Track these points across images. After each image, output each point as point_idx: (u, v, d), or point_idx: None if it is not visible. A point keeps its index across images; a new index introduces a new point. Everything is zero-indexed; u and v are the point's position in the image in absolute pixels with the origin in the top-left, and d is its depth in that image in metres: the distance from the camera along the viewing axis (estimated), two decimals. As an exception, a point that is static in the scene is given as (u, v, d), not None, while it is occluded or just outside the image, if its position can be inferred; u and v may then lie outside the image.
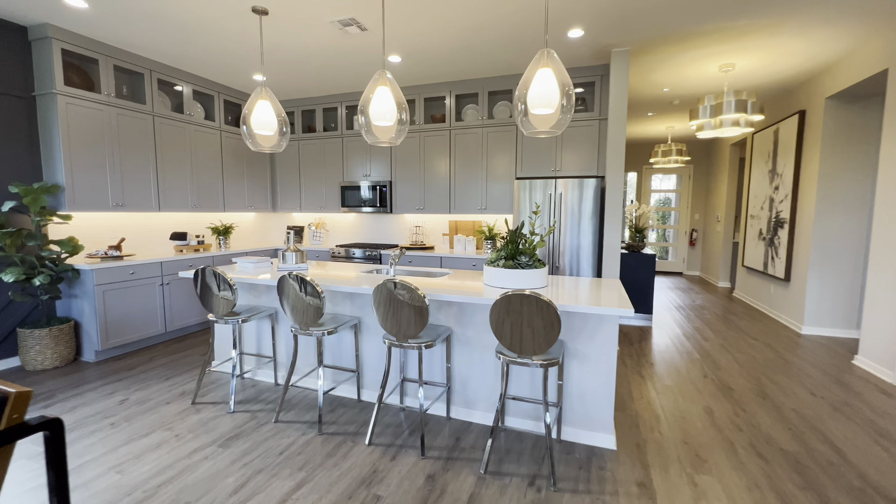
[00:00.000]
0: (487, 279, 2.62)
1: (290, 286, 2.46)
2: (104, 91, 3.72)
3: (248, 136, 3.08)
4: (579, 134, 4.28)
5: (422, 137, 4.88)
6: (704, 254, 8.57)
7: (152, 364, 3.51)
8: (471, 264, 4.48)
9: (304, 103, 5.43)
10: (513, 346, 2.02)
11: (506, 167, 4.58)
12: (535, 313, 1.92)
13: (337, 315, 2.84)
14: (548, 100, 2.38)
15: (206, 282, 2.72)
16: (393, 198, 5.10)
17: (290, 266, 3.22)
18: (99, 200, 3.72)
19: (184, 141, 4.47)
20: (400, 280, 2.19)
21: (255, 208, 5.47)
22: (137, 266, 3.78)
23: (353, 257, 4.98)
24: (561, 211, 4.07)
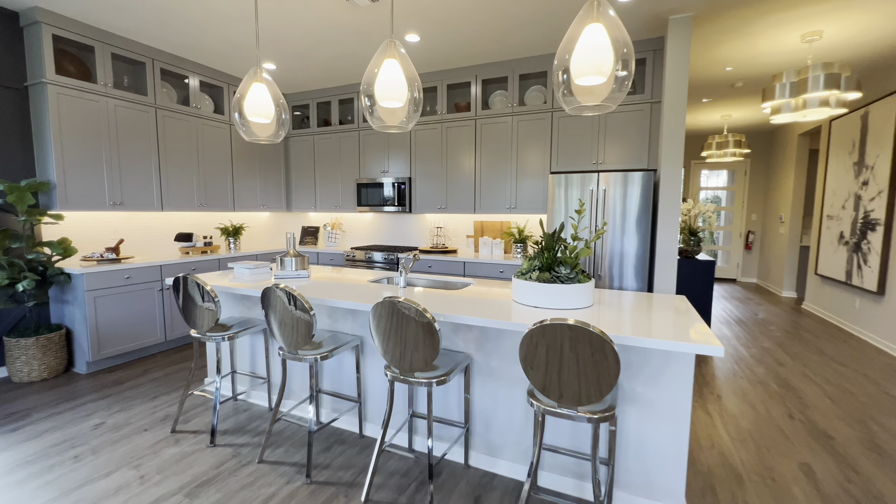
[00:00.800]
0: (518, 294, 2.09)
1: (277, 299, 2.03)
2: (101, 81, 3.45)
3: (240, 124, 2.69)
4: (626, 121, 3.67)
5: (444, 129, 4.39)
6: (763, 259, 7.64)
7: (144, 378, 3.20)
8: (498, 271, 3.95)
9: (319, 95, 5.06)
10: (549, 390, 1.49)
11: (538, 161, 4.02)
12: (583, 352, 1.39)
13: (336, 334, 2.39)
14: (597, 65, 1.84)
15: (189, 292, 2.33)
16: (412, 196, 4.64)
17: (288, 273, 2.81)
18: (94, 199, 3.46)
19: (190, 135, 4.18)
20: (404, 300, 1.70)
21: (269, 207, 5.16)
22: (134, 270, 3.49)
23: (368, 261, 4.55)
24: (603, 210, 3.47)
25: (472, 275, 4.06)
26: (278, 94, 2.76)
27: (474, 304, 2.06)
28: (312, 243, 5.35)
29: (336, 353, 2.15)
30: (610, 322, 1.72)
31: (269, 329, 2.12)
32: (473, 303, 2.08)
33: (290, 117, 5.31)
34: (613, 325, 1.67)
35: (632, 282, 3.47)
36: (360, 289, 2.43)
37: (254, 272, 2.95)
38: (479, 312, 1.88)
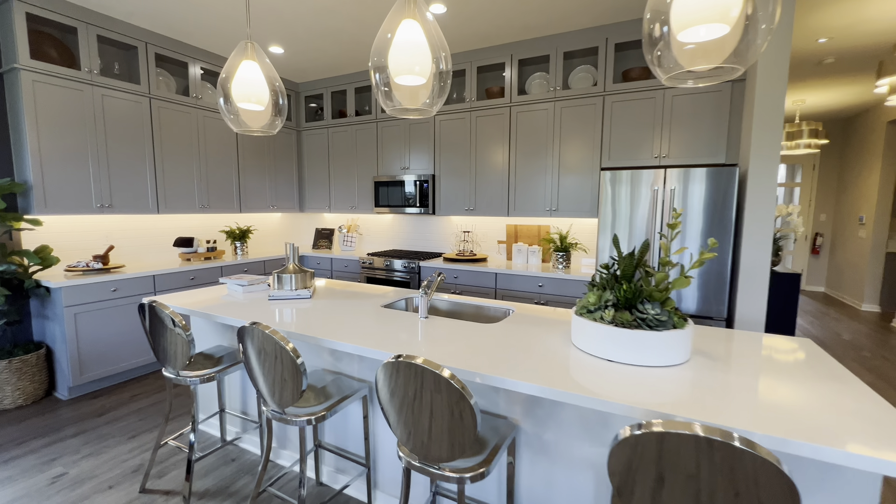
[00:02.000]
0: (581, 338, 1.51)
1: (257, 343, 1.52)
2: (85, 67, 3.04)
3: (227, 111, 2.19)
4: (697, 104, 2.99)
5: (473, 118, 3.81)
6: (833, 265, 6.71)
7: (129, 407, 2.79)
8: (536, 285, 3.35)
9: (334, 83, 4.57)
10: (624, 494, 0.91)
11: (585, 154, 3.38)
12: (739, 479, 0.80)
13: (339, 378, 1.87)
14: (713, 7, 1.23)
15: (156, 322, 1.86)
16: (436, 196, 4.09)
17: (286, 293, 2.31)
18: (79, 201, 3.06)
19: (190, 129, 3.75)
20: (424, 362, 1.15)
21: (279, 208, 4.71)
22: (122, 281, 3.08)
23: (386, 269, 4.04)
24: (665, 214, 2.82)
25: (504, 288, 3.49)
26: (274, 74, 2.25)
27: (521, 351, 1.49)
28: (327, 247, 4.88)
29: (338, 409, 1.63)
30: (741, 406, 1.12)
31: (250, 377, 1.62)
32: (519, 349, 1.51)
33: (293, 105, 4.84)
34: (750, 413, 1.07)
35: (703, 304, 2.81)
36: (371, 319, 1.90)
37: (248, 290, 2.47)
38: (533, 370, 1.31)
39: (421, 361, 1.15)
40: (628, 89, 3.17)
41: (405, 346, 1.54)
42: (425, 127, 4.06)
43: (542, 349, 1.52)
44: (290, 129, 4.79)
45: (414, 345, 1.55)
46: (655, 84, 3.07)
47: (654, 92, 3.09)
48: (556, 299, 3.29)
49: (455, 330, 1.75)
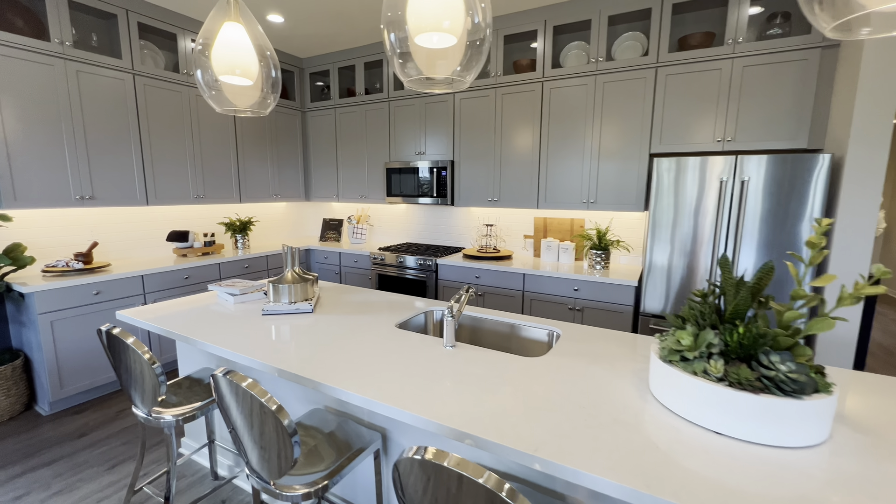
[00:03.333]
0: (667, 394, 1.11)
1: (235, 393, 1.14)
2: (55, 37, 2.64)
3: (205, 86, 1.78)
4: (775, 75, 2.48)
5: (498, 96, 3.34)
6: (891, 261, 6.13)
7: (113, 426, 2.49)
8: (571, 288, 2.93)
9: (341, 58, 4.10)
10: None
11: (631, 137, 2.90)
12: None
13: (345, 421, 1.50)
14: None
15: (119, 352, 1.50)
16: (456, 184, 3.65)
17: (284, 308, 1.93)
18: (54, 193, 2.71)
19: (181, 110, 3.36)
20: (457, 466, 0.76)
21: (283, 197, 4.33)
22: (106, 283, 2.75)
23: (399, 266, 3.65)
24: (743, 210, 2.35)
25: (533, 290, 3.07)
26: (265, 41, 1.83)
27: (586, 410, 1.09)
28: (335, 239, 4.51)
29: (344, 472, 1.26)
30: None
31: (233, 437, 1.25)
32: (583, 405, 1.11)
33: (297, 83, 4.39)
34: None
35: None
36: (384, 349, 1.51)
37: (240, 300, 2.11)
38: (615, 452, 0.91)
39: (454, 464, 0.76)
40: (687, 59, 2.66)
41: (427, 397, 1.15)
42: (443, 107, 3.60)
43: (613, 406, 1.12)
44: (293, 110, 4.37)
45: (440, 396, 1.16)
46: (722, 52, 2.56)
47: (719, 62, 2.58)
48: (594, 305, 2.87)
49: (491, 368, 1.35)
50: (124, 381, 1.55)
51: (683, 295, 2.54)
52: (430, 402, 1.15)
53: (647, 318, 2.67)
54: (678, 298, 2.57)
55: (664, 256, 2.57)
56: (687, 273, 2.52)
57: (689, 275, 2.51)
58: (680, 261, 2.53)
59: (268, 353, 1.47)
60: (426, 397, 1.17)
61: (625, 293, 2.76)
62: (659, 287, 2.61)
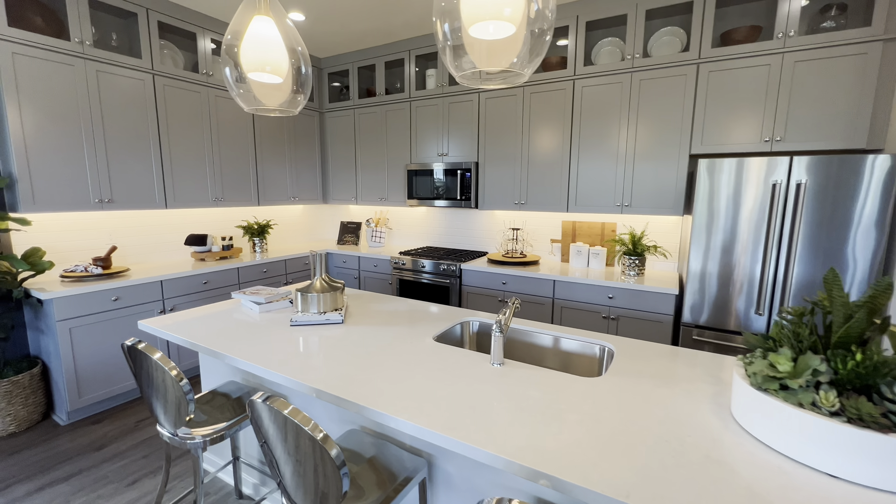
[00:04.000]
0: (760, 426, 0.97)
1: (277, 422, 1.03)
2: (75, 37, 2.58)
3: (234, 84, 1.69)
4: (829, 71, 2.32)
5: (525, 95, 3.21)
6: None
7: (133, 437, 2.40)
8: (605, 296, 2.79)
9: (361, 57, 4.01)
10: None
11: (669, 137, 2.76)
12: None
13: (384, 447, 1.38)
14: None
15: (144, 367, 1.40)
16: (480, 187, 3.53)
17: (313, 318, 1.82)
18: (73, 196, 2.64)
19: (201, 110, 3.28)
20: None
21: (301, 199, 4.25)
22: (124, 288, 2.67)
23: (419, 271, 3.54)
24: (799, 215, 2.20)
25: (564, 297, 2.94)
26: (296, 36, 1.73)
27: (668, 444, 0.96)
28: (353, 243, 4.41)
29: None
30: None
31: (268, 460, 1.14)
32: (660, 437, 0.98)
33: (315, 83, 4.31)
34: None
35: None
36: (426, 366, 1.39)
37: (265, 308, 2.00)
38: None
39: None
40: (732, 55, 2.51)
41: (486, 426, 1.03)
42: (467, 107, 3.48)
43: (699, 439, 0.99)
44: (311, 111, 4.28)
45: (499, 424, 1.04)
46: (771, 47, 2.41)
47: (768, 57, 2.43)
48: (631, 314, 2.72)
49: (548, 391, 1.23)
50: (148, 396, 1.45)
51: (728, 305, 2.39)
52: (492, 431, 1.02)
53: (689, 328, 2.52)
54: (723, 308, 2.41)
55: (708, 263, 2.42)
56: (734, 281, 2.37)
57: (737, 283, 2.36)
58: (726, 268, 2.38)
59: (302, 370, 1.36)
60: (485, 425, 1.05)
61: (664, 302, 2.62)
62: (702, 296, 2.46)
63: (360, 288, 4.02)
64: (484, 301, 3.27)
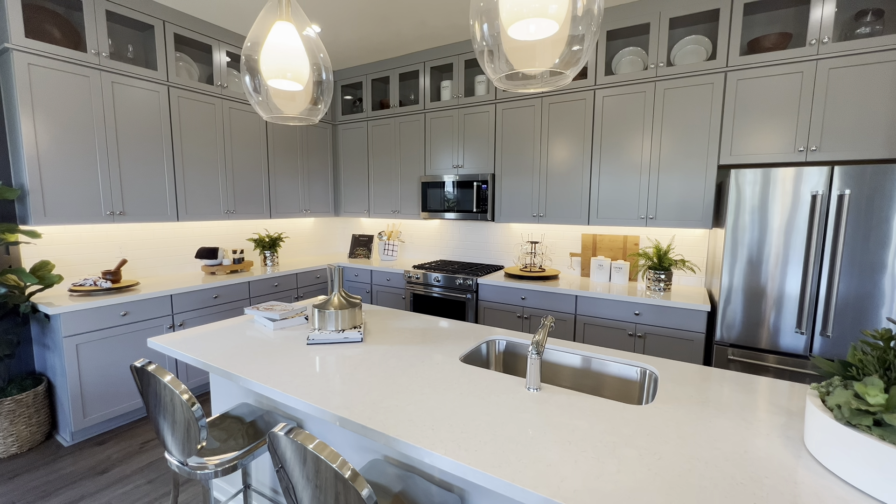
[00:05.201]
0: (849, 471, 0.86)
1: (301, 457, 0.93)
2: (92, 48, 2.56)
3: (253, 92, 1.62)
4: (862, 77, 2.23)
5: (544, 106, 3.15)
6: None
7: (138, 460, 2.29)
8: (631, 312, 2.67)
9: (375, 69, 3.99)
10: None
11: (696, 147, 2.67)
12: None
13: (411, 480, 1.26)
14: None
15: (154, 392, 1.31)
16: (496, 199, 3.45)
17: (331, 336, 1.72)
18: (85, 208, 2.59)
19: (215, 123, 3.25)
20: None
21: (313, 212, 4.19)
22: (134, 303, 2.60)
23: (432, 285, 3.43)
24: (842, 228, 2.08)
25: (587, 314, 2.82)
26: (317, 42, 1.67)
27: (741, 487, 0.84)
28: (365, 256, 4.33)
29: (417, 549, 1.02)
30: None
31: (284, 493, 1.03)
32: (732, 481, 0.86)
33: (333, 96, 4.29)
34: None
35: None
36: (456, 391, 1.28)
37: (280, 325, 1.91)
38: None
39: None
40: (762, 62, 2.43)
41: (532, 462, 0.91)
42: (483, 118, 3.42)
43: (778, 481, 0.86)
44: (324, 123, 4.26)
45: (548, 461, 0.92)
46: (804, 54, 2.32)
47: (801, 65, 2.35)
48: (659, 332, 2.60)
49: (595, 421, 1.11)
50: (156, 421, 1.35)
51: (763, 322, 2.26)
52: (540, 469, 0.91)
53: (723, 347, 2.39)
54: (759, 326, 2.28)
55: (743, 278, 2.30)
56: (771, 298, 2.24)
57: (775, 300, 2.23)
58: (762, 284, 2.25)
59: (322, 394, 1.26)
60: (531, 462, 0.93)
61: (695, 319, 2.49)
62: (737, 313, 2.33)
63: (373, 302, 3.93)
64: (502, 317, 3.16)
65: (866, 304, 2.05)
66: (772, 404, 1.22)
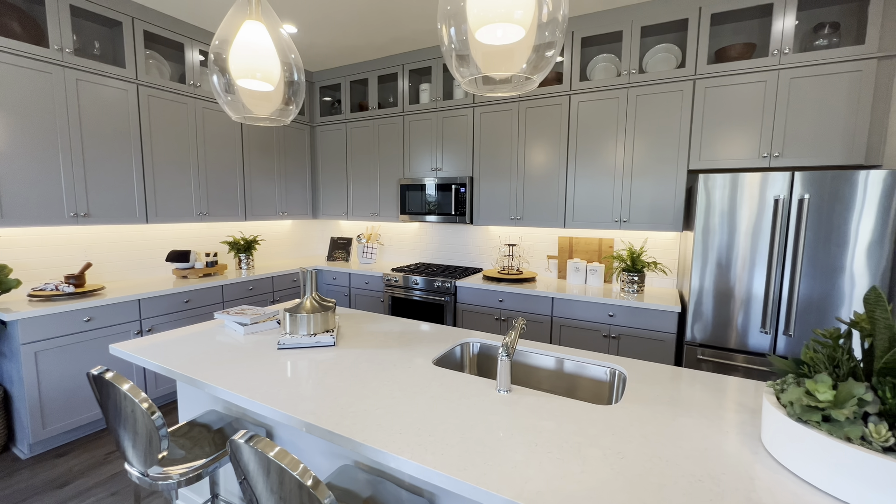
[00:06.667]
0: (800, 465, 0.89)
1: (262, 466, 0.90)
2: (55, 44, 2.46)
3: (222, 91, 1.59)
4: (825, 87, 2.33)
5: (521, 110, 3.18)
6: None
7: (101, 472, 2.20)
8: (605, 314, 2.71)
9: (354, 71, 3.96)
10: None
11: (666, 152, 2.74)
12: None
13: (381, 486, 1.24)
14: None
15: (112, 398, 1.26)
16: (475, 202, 3.46)
17: (302, 340, 1.70)
18: (47, 209, 2.49)
19: (187, 122, 3.17)
20: None
21: (290, 214, 4.12)
22: (98, 308, 2.50)
23: (412, 288, 3.42)
24: (802, 231, 2.16)
25: (563, 315, 2.85)
26: (288, 42, 1.65)
27: (699, 484, 0.86)
28: (343, 259, 4.28)
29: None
30: None
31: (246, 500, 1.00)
32: (692, 477, 0.88)
33: (306, 97, 4.24)
34: None
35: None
36: (428, 394, 1.28)
37: (250, 330, 1.87)
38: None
39: None
40: (728, 71, 2.52)
41: (499, 464, 0.91)
42: (462, 121, 3.44)
43: (736, 478, 0.89)
44: (302, 125, 4.20)
45: (515, 463, 0.93)
46: (767, 64, 2.42)
47: (764, 74, 2.44)
48: (632, 333, 2.64)
49: (563, 421, 1.12)
50: (115, 432, 1.30)
51: (732, 323, 2.33)
52: (506, 471, 0.91)
53: (693, 347, 2.45)
54: (726, 326, 2.35)
55: (711, 280, 2.36)
56: (738, 299, 2.31)
57: (741, 301, 2.30)
58: (729, 285, 2.32)
59: (290, 399, 1.23)
60: (497, 464, 0.93)
61: (666, 320, 2.55)
62: (706, 314, 2.40)
63: (351, 306, 3.88)
64: (480, 319, 3.16)
65: (826, 304, 2.14)
66: (734, 403, 1.25)
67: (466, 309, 3.21)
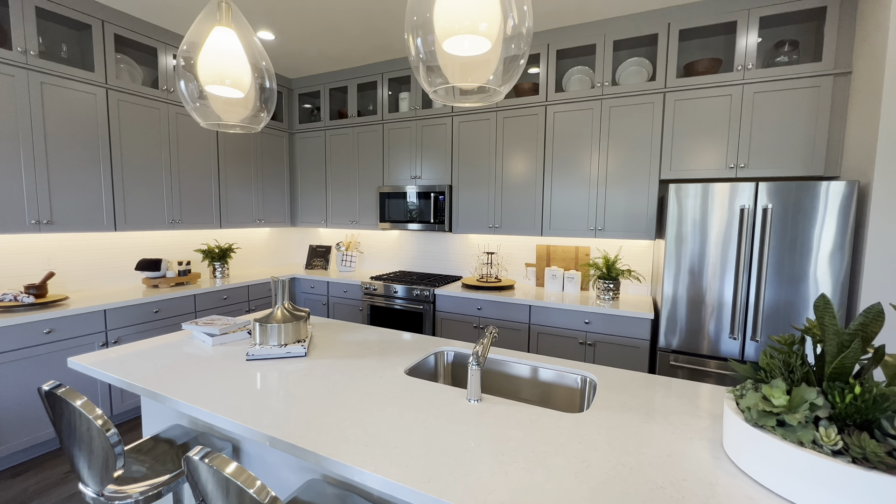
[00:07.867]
0: (757, 470, 0.91)
1: (217, 483, 0.87)
2: (18, 46, 2.39)
3: (189, 98, 1.56)
4: (786, 102, 2.43)
5: (498, 119, 3.22)
6: None
7: (59, 491, 2.10)
8: (581, 321, 2.74)
9: (333, 79, 3.95)
10: None
11: (639, 163, 2.80)
12: None
13: (349, 500, 1.22)
14: None
15: (64, 413, 1.20)
16: (454, 210, 3.48)
17: (272, 351, 1.66)
18: (7, 216, 2.39)
19: (159, 128, 3.10)
20: None
21: (268, 222, 4.06)
22: (62, 319, 2.40)
23: (392, 297, 3.40)
24: (767, 240, 2.23)
25: (540, 323, 2.87)
26: (259, 48, 1.63)
27: (657, 489, 0.87)
28: (322, 267, 4.23)
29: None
30: None
31: (206, 526, 0.97)
32: (655, 483, 0.89)
33: (285, 104, 4.21)
34: None
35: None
36: (398, 406, 1.26)
37: (219, 341, 1.82)
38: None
39: None
40: (696, 85, 2.61)
41: (464, 475, 0.91)
42: (441, 130, 3.46)
43: (696, 485, 0.90)
44: (280, 132, 4.16)
45: (480, 474, 0.92)
46: (732, 78, 2.51)
47: (730, 88, 2.53)
48: (608, 340, 2.68)
49: (531, 430, 1.12)
50: (69, 450, 1.24)
51: (702, 329, 2.38)
52: (470, 483, 0.90)
53: (665, 353, 2.49)
54: (697, 333, 2.40)
55: (681, 287, 2.42)
56: (707, 305, 2.36)
57: (710, 307, 2.36)
58: (699, 292, 2.38)
59: (255, 413, 1.20)
60: (462, 475, 0.92)
61: (640, 326, 2.59)
62: (677, 320, 2.45)
63: (329, 315, 3.83)
64: (459, 328, 3.16)
65: (790, 310, 2.21)
66: (699, 409, 1.28)
67: (445, 317, 3.21)
